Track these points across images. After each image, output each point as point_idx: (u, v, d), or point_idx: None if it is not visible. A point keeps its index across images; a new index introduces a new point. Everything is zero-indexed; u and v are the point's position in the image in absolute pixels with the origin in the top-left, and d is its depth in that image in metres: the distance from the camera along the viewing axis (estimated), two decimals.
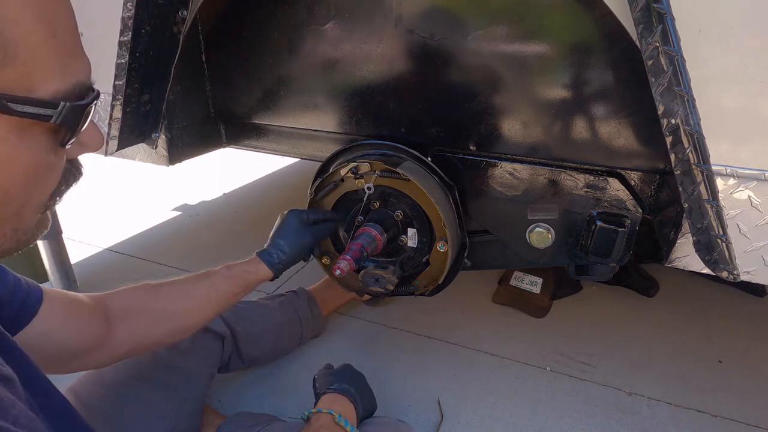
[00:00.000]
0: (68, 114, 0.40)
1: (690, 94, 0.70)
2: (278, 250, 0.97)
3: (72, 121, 0.41)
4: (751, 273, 0.79)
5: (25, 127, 0.38)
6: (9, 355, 0.51)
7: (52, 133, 0.41)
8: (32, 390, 0.50)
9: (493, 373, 1.31)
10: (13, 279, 0.67)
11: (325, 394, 0.94)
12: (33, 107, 0.37)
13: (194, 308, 0.88)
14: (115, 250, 1.97)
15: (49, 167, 0.42)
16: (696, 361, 1.36)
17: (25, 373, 0.51)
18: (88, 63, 0.43)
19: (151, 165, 1.25)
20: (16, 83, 0.36)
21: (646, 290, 1.64)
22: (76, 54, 0.42)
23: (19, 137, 0.38)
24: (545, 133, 0.97)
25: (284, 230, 1.00)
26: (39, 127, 0.39)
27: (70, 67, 0.40)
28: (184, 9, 1.01)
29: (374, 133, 1.12)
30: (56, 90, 0.39)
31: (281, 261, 0.96)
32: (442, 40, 0.97)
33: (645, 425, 1.16)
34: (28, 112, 0.37)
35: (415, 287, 1.11)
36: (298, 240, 0.99)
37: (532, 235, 1.02)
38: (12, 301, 0.65)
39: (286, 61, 1.15)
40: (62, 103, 0.39)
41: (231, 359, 1.16)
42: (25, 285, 0.67)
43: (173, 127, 1.21)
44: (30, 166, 0.40)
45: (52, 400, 0.55)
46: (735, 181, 0.74)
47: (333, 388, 0.94)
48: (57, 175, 0.44)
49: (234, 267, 0.93)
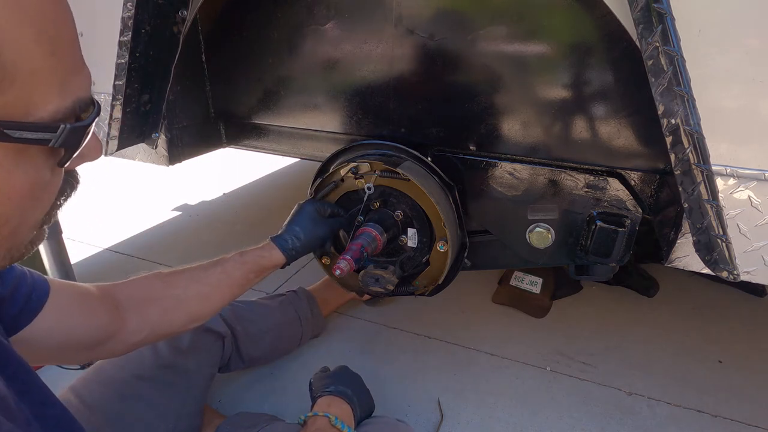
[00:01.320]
0: (68, 136, 0.37)
1: (690, 94, 0.70)
2: (293, 236, 0.96)
3: (72, 142, 0.38)
4: (751, 273, 0.79)
5: (22, 151, 0.36)
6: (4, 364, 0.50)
7: (50, 154, 0.39)
8: (28, 400, 0.49)
9: (493, 373, 1.31)
10: (19, 272, 0.66)
11: (321, 397, 0.93)
12: (31, 132, 0.35)
13: (208, 294, 0.87)
14: (115, 250, 1.97)
15: (45, 186, 0.40)
16: (696, 361, 1.36)
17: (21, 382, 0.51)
18: (88, 75, 0.41)
19: (151, 165, 1.25)
20: (13, 108, 0.34)
21: (646, 290, 1.64)
22: (76, 69, 0.39)
23: (15, 162, 0.36)
24: (545, 133, 0.97)
25: (300, 218, 0.99)
26: (37, 149, 0.37)
27: (70, 84, 0.38)
28: (184, 9, 1.01)
29: (374, 133, 1.12)
30: (55, 110, 0.36)
31: (295, 247, 0.95)
32: (442, 40, 0.97)
33: (645, 425, 1.16)
34: (26, 138, 0.35)
35: (415, 287, 1.11)
36: (314, 229, 0.99)
37: (532, 235, 1.02)
38: (15, 298, 0.64)
39: (286, 61, 1.15)
40: (62, 126, 0.37)
41: (231, 359, 1.16)
42: (30, 279, 0.66)
43: (173, 127, 1.21)
44: (26, 188, 0.38)
45: (50, 409, 0.54)
46: (735, 181, 0.74)
47: (329, 391, 0.94)
48: (54, 191, 0.42)
49: (247, 253, 0.93)
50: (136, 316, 0.79)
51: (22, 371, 0.53)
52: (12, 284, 0.64)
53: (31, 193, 0.39)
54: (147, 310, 0.81)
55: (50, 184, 0.41)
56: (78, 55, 0.40)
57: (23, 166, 0.37)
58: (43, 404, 0.53)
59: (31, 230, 0.43)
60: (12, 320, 0.62)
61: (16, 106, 0.34)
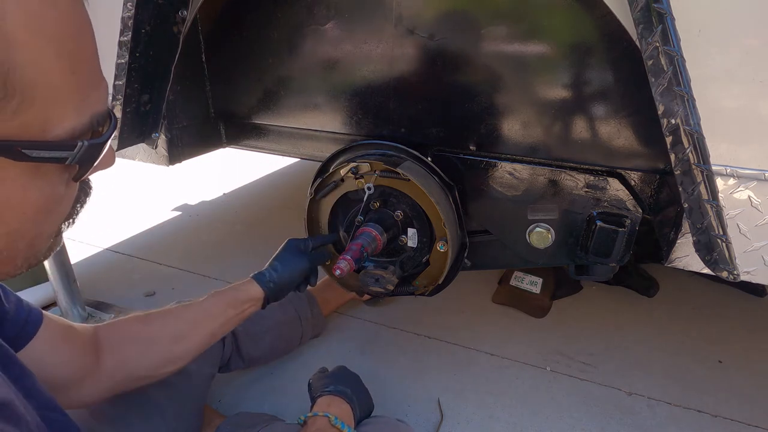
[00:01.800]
0: (85, 152, 0.37)
1: (690, 94, 0.70)
2: (271, 270, 0.97)
3: (88, 158, 0.38)
4: (751, 273, 0.79)
5: (38, 168, 0.35)
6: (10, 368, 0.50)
7: (66, 169, 0.38)
8: (35, 403, 0.50)
9: (493, 373, 1.31)
10: (15, 298, 0.65)
11: (321, 397, 0.93)
12: (48, 152, 0.34)
13: (184, 332, 0.85)
14: (115, 250, 1.97)
15: (60, 199, 0.40)
16: (696, 361, 1.36)
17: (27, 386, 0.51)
18: (106, 87, 0.40)
19: (151, 165, 1.25)
20: (32, 128, 0.33)
21: (646, 290, 1.64)
22: (94, 84, 0.38)
23: (32, 179, 0.35)
24: (545, 133, 0.97)
25: (282, 254, 1.01)
26: (53, 166, 0.36)
27: (88, 99, 0.37)
28: (184, 9, 1.01)
29: (374, 133, 1.12)
30: (72, 128, 0.36)
31: (272, 279, 0.96)
32: (442, 40, 0.97)
33: (645, 425, 1.16)
34: (43, 157, 0.34)
35: (415, 287, 1.11)
36: (293, 261, 1.00)
37: (532, 235, 1.02)
38: (16, 320, 0.64)
39: (286, 61, 1.15)
40: (79, 144, 0.36)
41: (231, 359, 1.16)
42: (26, 305, 0.66)
43: (173, 127, 1.21)
44: (41, 203, 0.37)
45: (54, 413, 0.54)
46: (735, 181, 0.74)
47: (328, 390, 0.94)
48: (69, 203, 0.42)
49: (224, 289, 0.92)
50: (113, 357, 0.77)
51: (26, 375, 0.53)
52: (13, 302, 0.64)
53: (46, 208, 0.38)
54: (123, 352, 0.79)
55: (65, 196, 0.41)
56: (97, 68, 0.39)
57: (39, 183, 0.36)
58: (48, 408, 0.53)
59: (48, 240, 0.42)
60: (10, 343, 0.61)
61: (33, 125, 0.33)
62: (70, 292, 1.42)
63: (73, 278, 1.42)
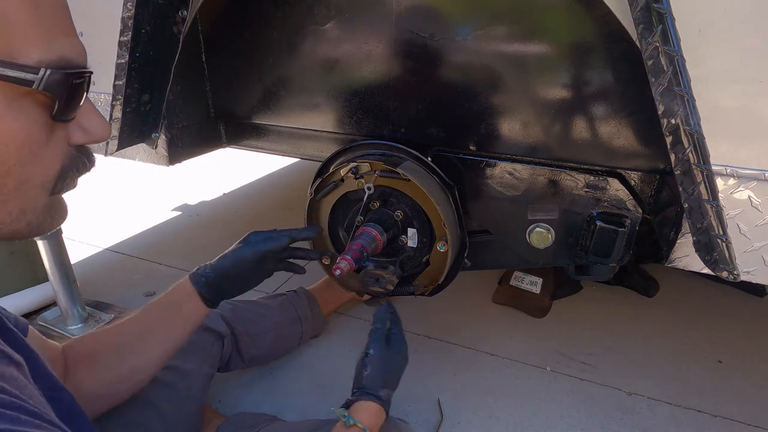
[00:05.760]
0: (52, 82, 0.40)
1: (690, 94, 0.70)
2: (206, 266, 0.91)
3: (58, 92, 0.41)
4: (751, 273, 0.79)
5: (12, 96, 0.39)
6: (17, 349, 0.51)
7: (42, 105, 0.42)
8: (41, 383, 0.50)
9: (493, 373, 1.31)
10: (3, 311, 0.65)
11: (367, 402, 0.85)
12: (12, 70, 0.38)
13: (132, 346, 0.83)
14: (115, 250, 1.97)
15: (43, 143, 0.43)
16: (696, 361, 1.36)
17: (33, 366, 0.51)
18: (79, 44, 0.44)
19: (151, 165, 1.25)
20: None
21: (646, 290, 1.64)
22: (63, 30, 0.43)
23: (6, 105, 0.39)
24: (545, 133, 0.97)
25: (230, 249, 0.96)
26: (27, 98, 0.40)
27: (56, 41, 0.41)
28: (184, 9, 1.01)
29: (374, 133, 1.12)
30: (39, 59, 0.40)
31: (205, 274, 0.89)
32: (442, 40, 0.97)
33: (645, 425, 1.16)
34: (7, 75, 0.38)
35: (415, 287, 1.11)
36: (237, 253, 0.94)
37: (532, 235, 1.02)
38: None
39: (286, 61, 1.15)
40: (43, 70, 0.40)
41: (231, 359, 1.16)
42: (13, 317, 0.65)
43: (173, 127, 1.21)
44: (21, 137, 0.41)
45: (60, 393, 0.55)
46: (735, 181, 0.74)
47: (380, 396, 0.86)
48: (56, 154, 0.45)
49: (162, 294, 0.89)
50: (72, 377, 0.76)
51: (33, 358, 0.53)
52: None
53: (28, 145, 0.41)
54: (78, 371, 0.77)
55: (50, 143, 0.44)
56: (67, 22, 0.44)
57: (15, 111, 0.40)
58: (54, 389, 0.54)
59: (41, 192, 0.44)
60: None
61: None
62: (70, 292, 1.42)
63: (73, 278, 1.42)
